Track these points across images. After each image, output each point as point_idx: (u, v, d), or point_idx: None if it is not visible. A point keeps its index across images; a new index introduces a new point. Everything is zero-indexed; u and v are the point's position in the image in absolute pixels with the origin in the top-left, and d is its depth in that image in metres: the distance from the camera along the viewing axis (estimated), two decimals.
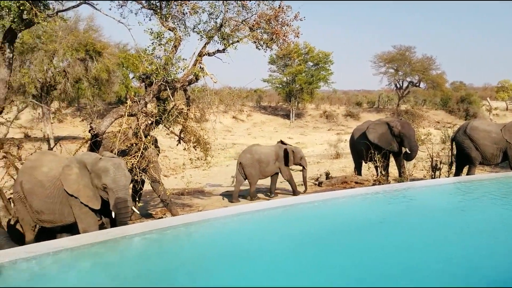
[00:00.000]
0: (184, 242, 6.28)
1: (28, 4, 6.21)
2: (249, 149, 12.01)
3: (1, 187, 7.44)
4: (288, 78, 42.35)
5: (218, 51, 8.94)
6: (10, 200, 7.40)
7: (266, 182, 12.88)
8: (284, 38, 8.85)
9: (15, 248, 5.33)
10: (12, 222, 7.13)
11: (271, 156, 11.71)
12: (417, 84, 45.25)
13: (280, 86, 43.13)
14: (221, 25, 8.63)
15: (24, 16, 6.36)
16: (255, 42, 8.87)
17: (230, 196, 11.87)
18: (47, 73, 19.41)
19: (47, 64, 19.14)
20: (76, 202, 6.38)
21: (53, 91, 21.62)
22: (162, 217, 9.37)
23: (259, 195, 12.20)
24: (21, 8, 6.18)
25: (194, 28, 8.64)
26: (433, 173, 12.58)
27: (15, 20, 6.33)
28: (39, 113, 24.30)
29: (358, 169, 13.88)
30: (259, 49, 9.00)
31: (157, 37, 8.03)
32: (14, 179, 8.00)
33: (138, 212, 7.41)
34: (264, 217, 7.18)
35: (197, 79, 8.79)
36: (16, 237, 6.81)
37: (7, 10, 6.28)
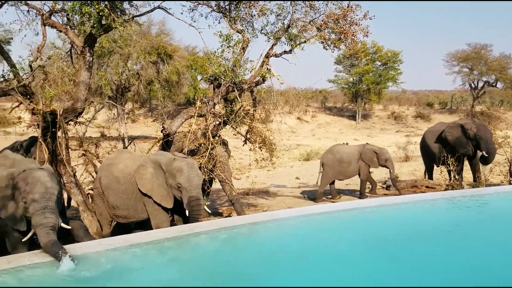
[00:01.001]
0: (251, 241, 6.35)
1: (107, 10, 6.56)
2: (331, 148, 11.89)
3: (80, 183, 7.90)
4: (354, 78, 41.55)
5: (285, 52, 8.95)
6: (88, 195, 7.85)
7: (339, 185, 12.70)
8: (353, 37, 8.68)
9: (95, 241, 5.66)
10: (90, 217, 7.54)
11: (354, 156, 11.45)
12: (494, 84, 42.66)
13: (346, 86, 42.42)
14: (288, 26, 8.63)
15: (103, 22, 6.72)
16: (322, 42, 8.78)
17: (326, 193, 11.80)
18: (122, 75, 20.47)
19: (122, 67, 20.20)
20: (149, 200, 6.65)
21: (127, 93, 22.74)
22: (228, 216, 9.54)
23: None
24: (100, 14, 6.54)
25: (261, 29, 8.70)
26: (511, 179, 11.78)
27: (95, 25, 6.70)
28: (114, 114, 25.66)
29: (429, 173, 13.30)
30: (326, 49, 8.89)
31: (226, 40, 8.17)
32: (92, 175, 8.50)
33: (210, 211, 7.58)
34: (332, 219, 7.08)
35: (263, 80, 8.85)
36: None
37: (88, 16, 6.68)
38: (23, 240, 5.44)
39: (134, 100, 25.99)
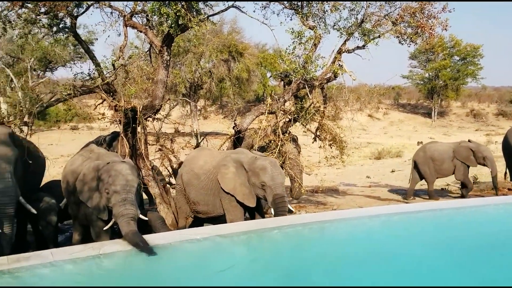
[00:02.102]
0: (320, 239, 6.31)
1: (184, 11, 6.79)
2: (423, 146, 11.53)
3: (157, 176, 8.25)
4: (430, 73, 39.69)
5: (358, 47, 8.78)
6: (164, 188, 8.18)
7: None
8: (431, 31, 8.33)
9: (172, 232, 5.91)
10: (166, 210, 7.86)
11: (447, 153, 10.93)
12: None
13: (421, 82, 40.63)
14: (362, 21, 8.45)
15: (180, 22, 6.97)
16: (398, 36, 8.51)
17: (398, 193, 11.49)
18: (195, 73, 21.12)
19: (195, 65, 20.84)
20: (226, 196, 6.76)
21: (199, 90, 23.44)
22: (296, 213, 9.54)
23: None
24: (177, 14, 6.79)
25: (334, 25, 8.59)
26: None
27: (172, 25, 6.97)
28: (187, 110, 26.57)
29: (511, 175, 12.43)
30: (402, 44, 8.61)
31: (298, 36, 8.17)
32: (168, 169, 8.86)
33: (293, 209, 7.60)
34: (404, 220, 6.84)
35: (335, 77, 8.75)
36: None
37: (166, 17, 6.97)
38: (104, 228, 5.83)
39: (206, 97, 26.75)
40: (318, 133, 9.27)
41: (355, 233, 6.51)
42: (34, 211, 6.15)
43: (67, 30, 7.14)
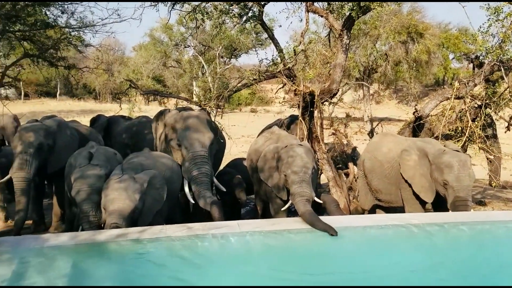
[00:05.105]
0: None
1: None
2: None
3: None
4: None
5: None
6: (338, 172, 8.23)
7: None
8: None
9: (351, 216, 5.92)
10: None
11: None
12: None
13: None
14: None
15: (362, 4, 6.82)
16: None
17: None
18: (370, 57, 20.50)
19: (370, 48, 20.21)
20: (405, 186, 6.49)
21: (373, 74, 22.73)
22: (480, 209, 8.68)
23: None
24: None
25: None
26: None
27: (354, 7, 6.86)
28: (359, 95, 26.12)
29: None
30: None
31: (494, 13, 7.24)
32: (340, 154, 8.88)
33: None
34: None
35: None
36: None
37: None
38: (282, 209, 6.18)
39: (380, 82, 25.84)
40: None
41: None
42: (223, 189, 6.77)
43: (255, 18, 7.60)
